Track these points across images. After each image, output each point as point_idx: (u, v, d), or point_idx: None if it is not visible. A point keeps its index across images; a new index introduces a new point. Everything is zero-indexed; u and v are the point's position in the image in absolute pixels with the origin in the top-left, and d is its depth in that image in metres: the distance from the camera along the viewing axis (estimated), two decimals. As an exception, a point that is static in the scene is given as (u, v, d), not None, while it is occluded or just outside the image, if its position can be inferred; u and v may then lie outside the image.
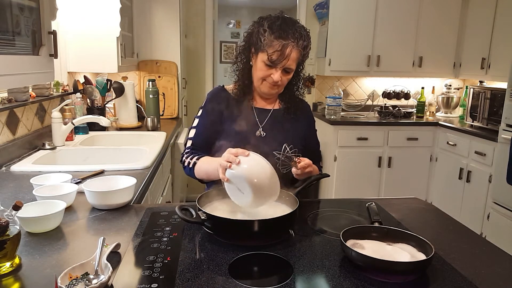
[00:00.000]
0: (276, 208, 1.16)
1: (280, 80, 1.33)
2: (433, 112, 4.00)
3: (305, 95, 1.53)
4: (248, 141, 1.37)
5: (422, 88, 3.97)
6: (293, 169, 1.26)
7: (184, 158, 1.42)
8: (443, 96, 4.00)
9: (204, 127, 1.43)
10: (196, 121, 1.46)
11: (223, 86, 1.49)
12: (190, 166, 1.38)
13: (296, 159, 1.25)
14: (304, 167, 1.25)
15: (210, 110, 1.44)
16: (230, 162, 1.07)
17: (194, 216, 1.05)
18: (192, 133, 1.45)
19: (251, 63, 1.39)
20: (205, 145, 1.42)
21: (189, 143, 1.45)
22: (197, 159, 1.37)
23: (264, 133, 1.42)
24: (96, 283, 0.78)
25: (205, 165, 1.34)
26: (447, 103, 3.98)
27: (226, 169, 1.09)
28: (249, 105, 1.43)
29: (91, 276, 0.82)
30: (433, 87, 4.17)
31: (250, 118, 1.42)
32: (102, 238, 0.91)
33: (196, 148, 1.43)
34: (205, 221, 1.02)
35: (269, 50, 1.28)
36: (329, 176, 1.41)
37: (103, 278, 0.81)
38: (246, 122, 1.41)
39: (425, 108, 3.96)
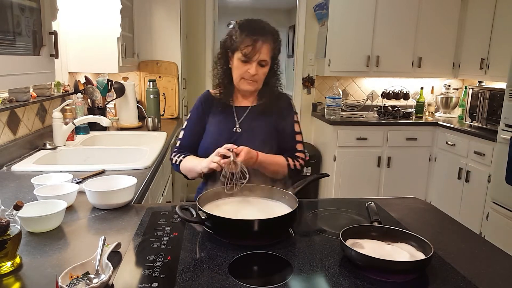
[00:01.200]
0: (276, 208, 1.17)
1: (256, 74, 1.42)
2: (432, 112, 4.00)
3: (283, 88, 1.58)
4: (225, 137, 1.47)
5: (421, 88, 3.98)
6: (235, 160, 1.26)
7: (172, 156, 1.55)
8: (442, 96, 4.00)
9: (190, 129, 1.57)
10: (185, 123, 1.59)
11: (209, 90, 1.60)
12: (177, 163, 1.52)
13: (233, 151, 1.26)
14: (243, 156, 1.27)
15: (197, 113, 1.56)
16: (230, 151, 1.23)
17: (195, 216, 1.06)
18: (181, 134, 1.58)
19: (230, 65, 1.49)
20: (191, 145, 1.54)
21: (177, 143, 1.58)
22: (183, 157, 1.51)
23: (240, 129, 1.51)
24: (96, 283, 0.78)
25: (189, 164, 1.47)
26: (446, 103, 3.99)
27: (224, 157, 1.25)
28: (230, 105, 1.54)
29: (92, 276, 0.82)
30: (432, 87, 4.17)
31: (229, 116, 1.53)
32: (102, 237, 0.91)
33: (182, 148, 1.56)
34: (206, 221, 1.03)
35: (241, 47, 1.40)
36: (328, 175, 1.42)
37: (103, 277, 0.81)
38: (225, 120, 1.52)
39: (424, 108, 3.96)
